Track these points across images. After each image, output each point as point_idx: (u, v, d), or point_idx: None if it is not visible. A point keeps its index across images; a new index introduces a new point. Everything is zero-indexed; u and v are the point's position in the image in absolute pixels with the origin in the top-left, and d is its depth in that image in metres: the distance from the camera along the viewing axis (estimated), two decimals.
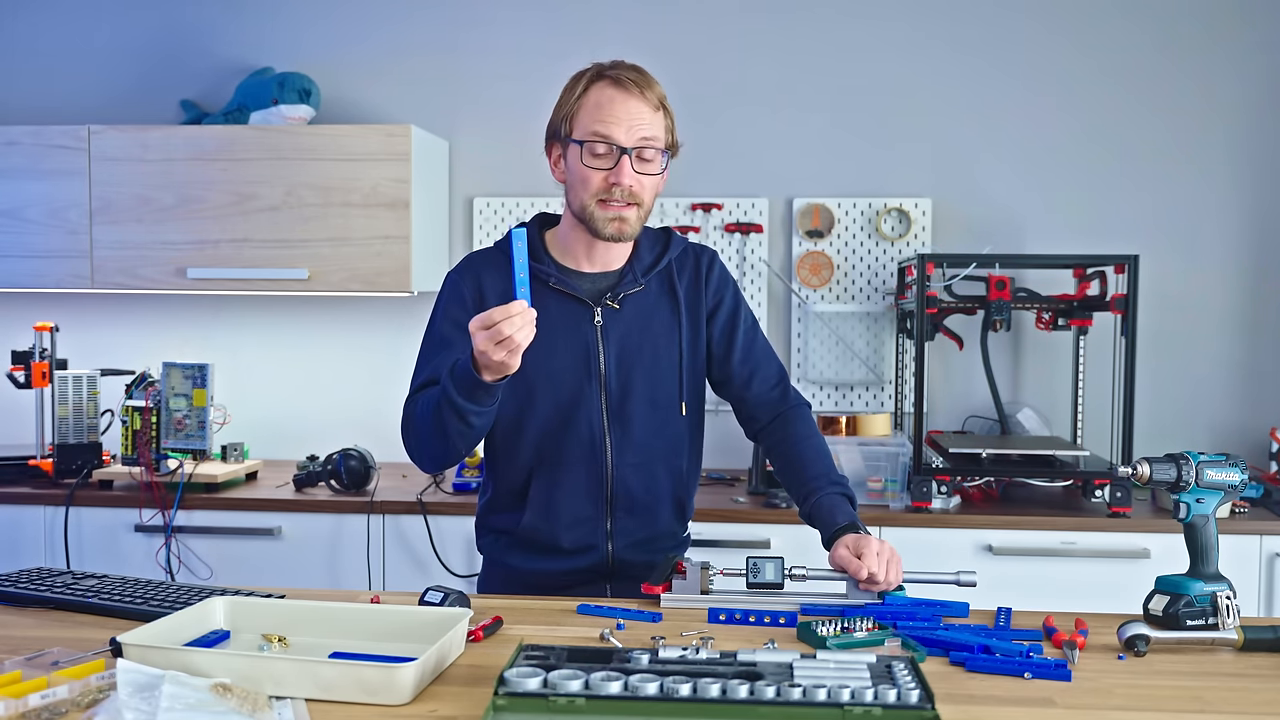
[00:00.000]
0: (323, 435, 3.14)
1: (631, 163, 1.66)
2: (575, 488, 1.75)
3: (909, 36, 3.12)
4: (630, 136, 1.65)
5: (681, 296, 1.79)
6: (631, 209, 1.68)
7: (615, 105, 1.66)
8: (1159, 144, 3.07)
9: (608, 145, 1.65)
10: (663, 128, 1.70)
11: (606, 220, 1.68)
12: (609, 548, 1.77)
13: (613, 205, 1.67)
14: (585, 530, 1.76)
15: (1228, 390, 3.09)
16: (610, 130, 1.65)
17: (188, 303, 3.27)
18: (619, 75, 1.67)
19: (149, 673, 1.16)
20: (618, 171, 1.65)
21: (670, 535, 1.84)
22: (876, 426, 2.80)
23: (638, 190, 1.67)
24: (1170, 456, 1.47)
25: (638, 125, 1.66)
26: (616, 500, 1.76)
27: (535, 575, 1.78)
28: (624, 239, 1.72)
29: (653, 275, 1.79)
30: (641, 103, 1.67)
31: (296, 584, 2.58)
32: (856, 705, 1.13)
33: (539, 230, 1.81)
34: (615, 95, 1.66)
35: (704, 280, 1.81)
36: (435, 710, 1.20)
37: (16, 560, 2.64)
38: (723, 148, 3.16)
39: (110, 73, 3.30)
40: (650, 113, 1.67)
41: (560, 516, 1.75)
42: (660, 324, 1.77)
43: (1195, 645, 1.44)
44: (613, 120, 1.65)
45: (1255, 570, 2.52)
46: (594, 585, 1.78)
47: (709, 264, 1.83)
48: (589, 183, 1.67)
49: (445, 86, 3.22)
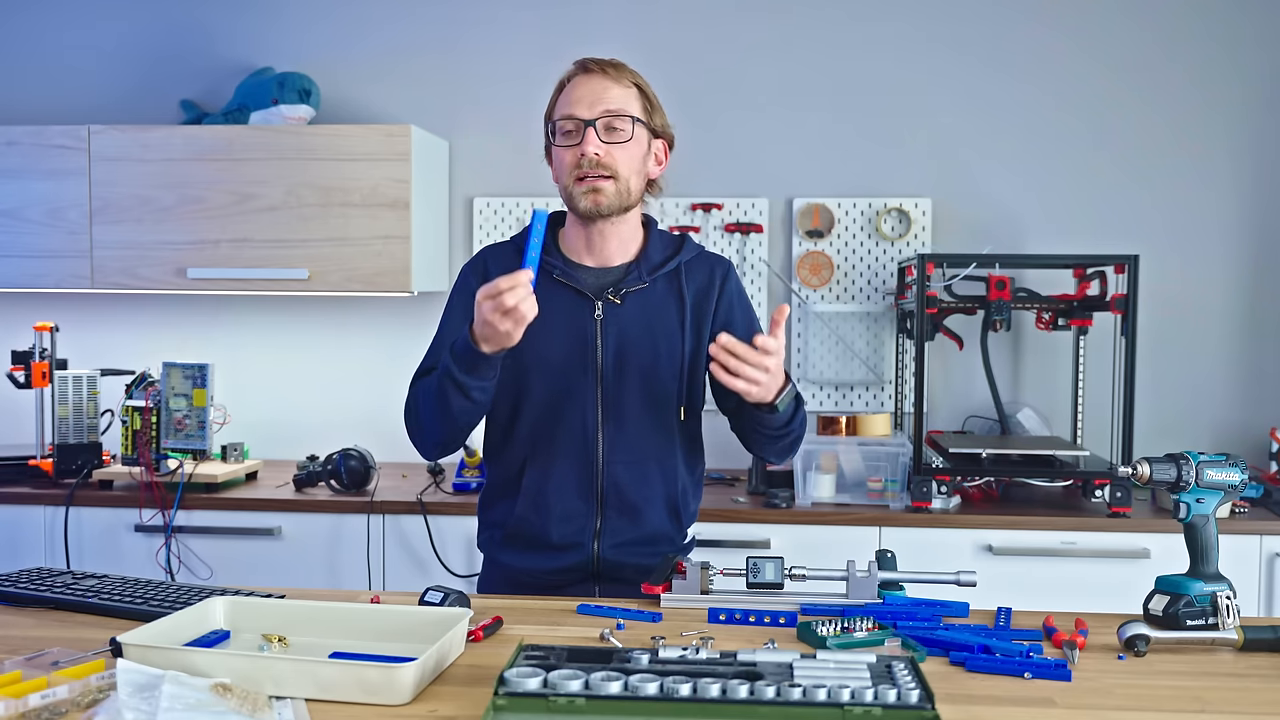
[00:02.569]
0: (323, 435, 3.14)
1: (598, 134, 1.69)
2: (565, 480, 1.76)
3: (909, 36, 3.12)
4: (592, 110, 1.69)
5: (689, 301, 1.78)
6: (607, 181, 1.70)
7: (579, 86, 1.72)
8: (1159, 144, 3.08)
9: (574, 122, 1.70)
10: (635, 102, 1.72)
11: (582, 194, 1.70)
12: (595, 547, 1.77)
13: (586, 179, 1.69)
14: (574, 526, 1.77)
15: (1228, 390, 3.09)
16: (573, 109, 1.70)
17: (188, 303, 3.27)
18: (587, 62, 1.73)
19: (149, 673, 1.16)
20: (583, 143, 1.69)
21: (666, 540, 1.82)
22: (876, 426, 2.80)
23: (607, 161, 1.69)
24: (1170, 456, 1.47)
25: (601, 99, 1.70)
26: (607, 497, 1.76)
27: (525, 574, 1.79)
28: (601, 211, 1.71)
29: (660, 275, 1.78)
30: (606, 79, 1.71)
31: (296, 584, 2.58)
32: (856, 705, 1.13)
33: (553, 225, 1.83)
34: (581, 79, 1.73)
35: (717, 291, 1.80)
36: (435, 710, 1.20)
37: (16, 560, 2.64)
38: (723, 148, 3.16)
39: (110, 73, 3.30)
40: (617, 89, 1.71)
41: (551, 509, 1.76)
42: (664, 325, 1.77)
43: (1195, 645, 1.44)
44: (576, 99, 1.71)
45: (1255, 570, 2.52)
46: (582, 586, 1.78)
47: (724, 275, 1.82)
48: (563, 162, 1.72)
49: (445, 86, 3.22)
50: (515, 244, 1.81)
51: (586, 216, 1.72)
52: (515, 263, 1.68)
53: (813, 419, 2.97)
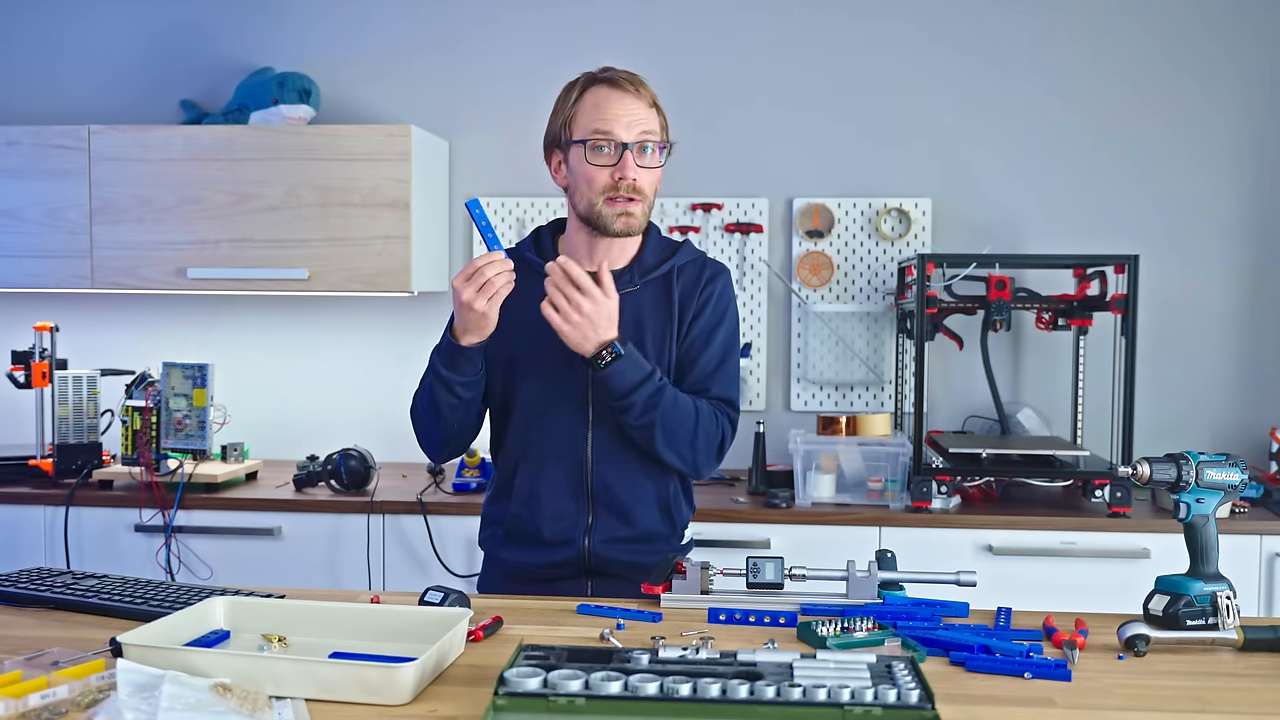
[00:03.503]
0: (323, 435, 3.14)
1: (634, 157, 1.70)
2: (556, 480, 1.78)
3: (910, 36, 3.12)
4: (630, 132, 1.70)
5: (676, 301, 1.80)
6: (636, 204, 1.72)
7: (613, 103, 1.71)
8: (1159, 143, 3.08)
9: (609, 142, 1.70)
10: (658, 124, 1.75)
11: (614, 216, 1.72)
12: (586, 543, 1.78)
13: (619, 201, 1.71)
14: (565, 524, 1.78)
15: (1228, 390, 3.09)
16: (610, 127, 1.69)
17: (188, 303, 3.27)
18: (613, 76, 1.73)
19: (149, 673, 1.16)
20: (622, 166, 1.70)
21: (660, 539, 1.83)
22: (876, 426, 2.80)
23: (641, 184, 1.71)
24: (1170, 456, 1.47)
25: (636, 121, 1.71)
26: (597, 496, 1.78)
27: (520, 568, 1.81)
28: (632, 233, 1.75)
29: (653, 279, 1.79)
30: (637, 100, 1.72)
31: (296, 584, 2.58)
32: (856, 705, 1.13)
33: (551, 235, 1.86)
34: (611, 94, 1.72)
35: (700, 290, 1.81)
36: (435, 710, 1.20)
37: (16, 560, 2.64)
38: (723, 148, 3.16)
39: (110, 73, 3.30)
40: (646, 109, 1.73)
41: (543, 507, 1.78)
42: (654, 327, 1.78)
43: (1195, 645, 1.44)
44: (612, 117, 1.70)
45: (1255, 570, 2.52)
46: (574, 581, 1.80)
47: (710, 278, 1.82)
48: (594, 181, 1.71)
49: (445, 86, 3.22)
50: (516, 246, 1.84)
51: (615, 235, 1.74)
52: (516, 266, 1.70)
53: (813, 419, 2.97)
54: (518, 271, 1.67)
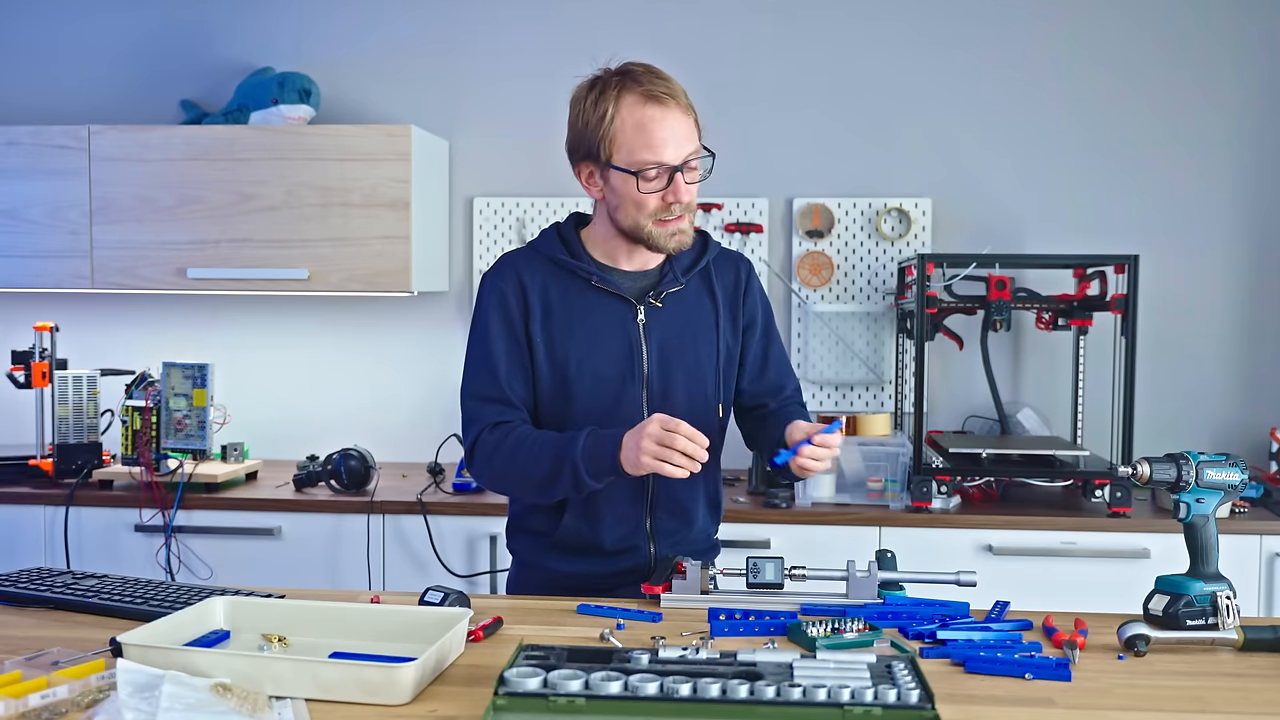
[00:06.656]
0: (323, 435, 3.14)
1: (684, 176, 1.66)
2: (616, 488, 1.72)
3: (909, 37, 3.12)
4: (679, 154, 1.65)
5: (720, 298, 1.80)
6: (686, 219, 1.70)
7: (658, 126, 1.63)
8: (1159, 143, 3.07)
9: (658, 167, 1.65)
10: (697, 131, 1.70)
11: (668, 236, 1.70)
12: (651, 549, 1.77)
13: (671, 221, 1.68)
14: (626, 530, 1.76)
15: (1228, 390, 3.09)
16: (660, 155, 1.64)
17: (188, 303, 3.27)
18: (653, 90, 1.64)
19: (149, 673, 1.16)
20: (674, 190, 1.66)
21: (705, 536, 1.85)
22: (876, 426, 2.80)
23: (690, 200, 1.70)
24: (1170, 456, 1.47)
25: (683, 139, 1.66)
26: (657, 500, 1.76)
27: (576, 578, 1.77)
28: (685, 249, 1.74)
29: (693, 274, 1.80)
30: (680, 113, 1.66)
31: (296, 584, 2.57)
32: (856, 705, 1.13)
33: (575, 229, 1.81)
34: (654, 114, 1.64)
35: (744, 290, 1.83)
36: (435, 710, 1.20)
37: (16, 560, 2.64)
38: (723, 148, 3.08)
39: (110, 73, 3.30)
40: (686, 120, 1.67)
41: (602, 517, 1.75)
42: (700, 323, 1.78)
43: (1195, 645, 1.44)
44: (659, 143, 1.63)
45: (1255, 570, 2.52)
46: (635, 587, 1.73)
47: (748, 275, 1.85)
48: (644, 206, 1.67)
49: (445, 86, 3.22)
50: (535, 248, 1.78)
51: (667, 253, 1.73)
52: (546, 270, 1.72)
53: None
54: (559, 275, 1.67)
